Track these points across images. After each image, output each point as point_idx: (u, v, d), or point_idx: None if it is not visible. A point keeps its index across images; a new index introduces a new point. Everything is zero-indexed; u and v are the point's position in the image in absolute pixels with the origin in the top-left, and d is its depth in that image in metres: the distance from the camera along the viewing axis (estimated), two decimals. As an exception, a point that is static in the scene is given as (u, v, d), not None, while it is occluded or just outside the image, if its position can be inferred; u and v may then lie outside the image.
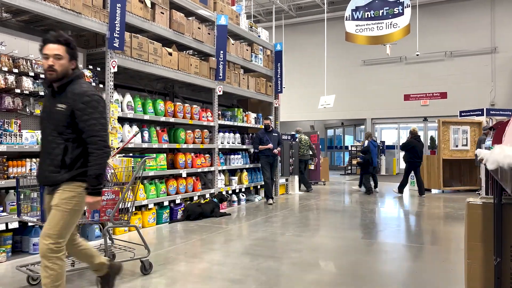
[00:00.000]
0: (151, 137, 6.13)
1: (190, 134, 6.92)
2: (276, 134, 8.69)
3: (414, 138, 10.03)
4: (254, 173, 8.97)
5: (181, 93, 8.14)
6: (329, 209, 7.91)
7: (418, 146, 9.88)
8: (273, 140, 8.56)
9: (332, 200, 9.31)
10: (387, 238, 5.39)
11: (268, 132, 8.59)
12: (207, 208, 6.71)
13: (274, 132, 8.70)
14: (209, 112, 7.43)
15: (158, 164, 6.17)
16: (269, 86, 9.54)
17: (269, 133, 8.58)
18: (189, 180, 6.85)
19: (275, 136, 8.66)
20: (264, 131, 8.62)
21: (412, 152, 9.89)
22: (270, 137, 8.55)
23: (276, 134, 8.70)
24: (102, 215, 3.46)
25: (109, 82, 5.32)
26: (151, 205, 6.00)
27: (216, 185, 7.53)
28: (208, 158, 7.43)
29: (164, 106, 6.34)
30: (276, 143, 8.61)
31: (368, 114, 19.93)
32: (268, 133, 8.57)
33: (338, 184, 13.75)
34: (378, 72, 19.54)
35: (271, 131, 8.66)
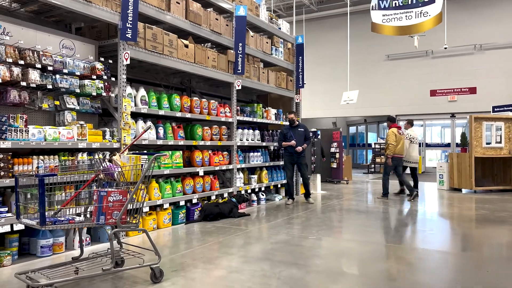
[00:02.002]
0: (167, 133, 5.83)
1: (207, 131, 6.60)
2: (302, 129, 8.10)
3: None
4: (274, 172, 8.59)
5: (199, 88, 7.83)
6: (353, 209, 7.47)
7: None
8: (298, 136, 8.03)
9: (355, 200, 8.85)
10: (420, 243, 4.94)
11: (293, 127, 8.10)
12: (225, 208, 6.38)
13: (300, 127, 8.12)
14: (227, 108, 7.09)
15: (174, 161, 5.87)
16: (290, 80, 9.14)
17: (294, 129, 8.09)
18: (206, 179, 6.53)
19: (301, 132, 8.07)
20: (289, 126, 8.16)
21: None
22: (295, 133, 8.04)
23: (302, 130, 8.10)
24: (108, 218, 3.16)
25: (121, 75, 5.04)
26: (167, 205, 5.71)
27: (234, 184, 7.19)
28: (226, 156, 7.10)
29: (180, 101, 6.04)
30: (301, 138, 8.03)
31: (392, 111, 19.25)
32: (293, 129, 8.09)
33: (361, 183, 13.25)
34: (403, 67, 18.87)
35: (297, 126, 8.12)
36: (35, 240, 4.24)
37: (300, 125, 8.18)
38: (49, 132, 4.22)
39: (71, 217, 3.18)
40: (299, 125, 8.18)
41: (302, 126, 8.17)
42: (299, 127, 8.12)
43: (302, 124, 8.29)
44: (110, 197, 3.18)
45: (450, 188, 10.78)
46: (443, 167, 10.98)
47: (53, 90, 4.45)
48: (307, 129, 8.26)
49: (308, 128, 8.38)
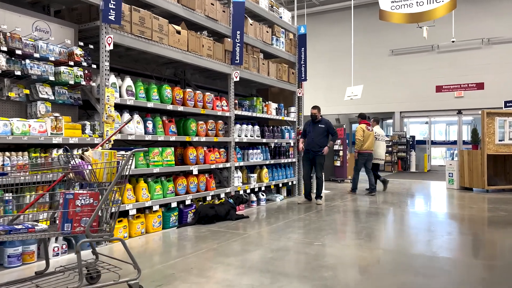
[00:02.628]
0: (156, 128, 5.29)
1: (202, 126, 6.06)
2: (323, 125, 7.69)
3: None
4: (275, 170, 8.05)
5: (194, 80, 7.29)
6: (360, 211, 6.93)
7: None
8: (316, 132, 7.67)
9: (362, 200, 8.31)
10: (439, 251, 4.40)
11: (314, 123, 7.76)
12: (222, 210, 5.85)
13: (321, 123, 7.72)
14: (224, 101, 6.55)
15: (165, 159, 5.33)
16: (291, 73, 8.59)
17: (315, 124, 7.74)
18: (201, 178, 5.99)
19: (321, 128, 7.67)
20: (311, 122, 7.82)
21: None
22: (314, 129, 7.70)
23: (323, 126, 7.68)
24: (75, 226, 2.62)
25: (104, 62, 4.49)
26: (156, 207, 5.17)
27: (232, 184, 6.65)
28: (223, 153, 6.56)
29: (171, 93, 5.49)
30: (321, 135, 7.64)
31: (397, 107, 18.73)
32: (313, 124, 7.76)
33: (365, 181, 12.68)
34: (408, 62, 18.31)
35: (318, 122, 7.73)
36: (1, 248, 3.71)
37: (322, 121, 7.78)
38: (17, 125, 3.69)
39: (30, 225, 2.64)
40: (321, 120, 7.78)
41: (324, 122, 7.77)
42: (320, 123, 7.75)
43: (325, 120, 7.86)
44: (77, 200, 2.64)
45: (460, 187, 10.23)
46: (453, 165, 10.43)
47: (23, 78, 3.91)
48: (330, 124, 7.82)
49: (331, 123, 7.93)
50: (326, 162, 12.36)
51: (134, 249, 4.40)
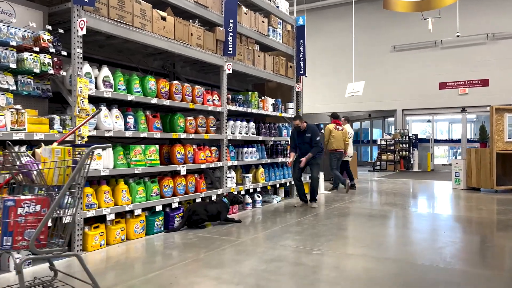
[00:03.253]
0: (138, 123, 4.78)
1: (191, 122, 5.56)
2: (309, 134, 6.96)
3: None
4: (272, 170, 7.55)
5: (184, 73, 6.79)
6: (363, 213, 6.43)
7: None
8: (304, 142, 7.00)
9: (364, 201, 7.81)
10: (452, 261, 3.89)
11: (300, 133, 7.03)
12: (213, 209, 5.33)
13: (307, 132, 6.94)
14: (215, 95, 6.05)
15: (148, 158, 4.83)
16: (289, 67, 8.09)
17: (302, 134, 7.01)
18: (190, 179, 5.50)
19: (307, 137, 6.95)
20: (296, 132, 7.10)
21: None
22: (302, 138, 7.01)
23: (309, 135, 6.96)
24: (17, 240, 2.12)
25: (76, 48, 3.99)
26: (139, 211, 4.67)
27: (225, 185, 6.15)
28: (215, 152, 6.06)
29: (156, 85, 4.99)
30: (308, 145, 6.96)
31: (399, 105, 18.22)
32: (300, 134, 7.04)
33: (366, 182, 12.20)
34: (410, 58, 17.79)
35: (304, 131, 6.98)
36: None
37: (308, 129, 7.00)
38: (-32, 118, 3.19)
39: (-38, 239, 2.14)
40: (307, 129, 7.01)
41: (309, 130, 6.99)
42: (307, 132, 6.99)
43: (311, 127, 7.07)
44: (20, 208, 2.15)
45: (467, 188, 9.73)
46: (459, 164, 9.93)
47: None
48: (315, 133, 6.97)
49: (317, 130, 7.13)
50: (327, 162, 11.88)
51: (111, 259, 3.90)
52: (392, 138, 17.30)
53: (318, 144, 6.94)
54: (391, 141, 17.21)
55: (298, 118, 7.00)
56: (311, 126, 7.10)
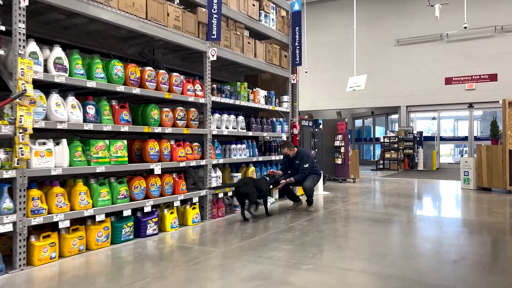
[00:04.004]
0: (101, 114, 4.11)
1: (168, 114, 4.89)
2: (298, 161, 6.34)
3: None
4: (264, 168, 6.88)
5: (167, 62, 6.13)
6: (364, 217, 5.75)
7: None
8: (294, 168, 6.40)
9: (365, 203, 7.12)
10: (469, 280, 3.21)
11: (291, 160, 6.43)
12: (262, 185, 5.69)
13: (297, 159, 6.36)
14: (198, 85, 5.38)
15: (114, 155, 4.17)
16: (284, 56, 7.41)
17: (292, 161, 6.42)
18: (166, 179, 4.82)
19: (297, 164, 6.35)
20: (286, 159, 6.53)
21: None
22: (292, 166, 6.42)
23: (298, 162, 6.33)
24: None
25: (17, 23, 3.33)
26: (101, 216, 4.01)
27: (208, 185, 5.48)
28: (197, 148, 5.39)
29: (123, 71, 4.32)
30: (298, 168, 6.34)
31: (403, 101, 17.51)
32: (291, 161, 6.44)
33: (369, 181, 11.51)
34: (414, 52, 17.07)
35: (294, 158, 6.40)
36: None
37: (298, 156, 6.37)
38: None
39: None
40: (297, 156, 6.39)
41: (299, 157, 6.35)
42: (296, 158, 6.38)
43: (301, 153, 6.40)
44: None
45: (477, 188, 9.03)
46: (469, 163, 9.22)
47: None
48: (304, 159, 6.29)
49: (307, 156, 6.41)
50: (326, 161, 11.24)
51: (59, 276, 3.24)
52: (396, 135, 16.60)
53: (304, 172, 6.27)
54: (394, 138, 16.51)
55: (286, 145, 6.37)
56: (301, 152, 6.44)
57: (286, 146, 6.37)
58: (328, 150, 11.30)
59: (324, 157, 11.26)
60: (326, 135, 11.30)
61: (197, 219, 5.23)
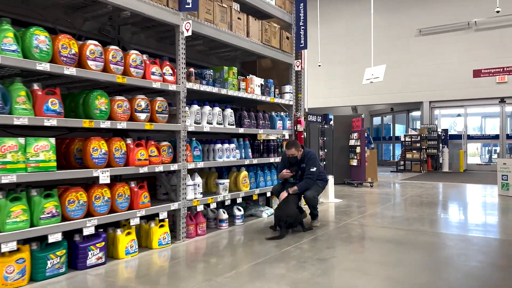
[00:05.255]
0: (12, 102, 2.96)
1: (121, 104, 3.71)
2: (303, 165, 4.97)
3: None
4: (260, 173, 5.66)
5: (137, 42, 4.98)
6: (383, 237, 4.48)
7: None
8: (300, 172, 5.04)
9: (384, 215, 5.83)
10: None
11: (295, 162, 4.98)
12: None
13: (303, 162, 4.97)
14: (167, 68, 4.20)
15: (33, 158, 3.01)
16: (285, 38, 6.17)
17: (295, 164, 4.98)
18: (120, 189, 3.66)
19: (303, 168, 4.98)
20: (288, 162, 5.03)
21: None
22: (297, 170, 5.00)
23: (304, 165, 4.97)
24: None
25: None
26: (12, 244, 2.86)
27: (183, 196, 4.30)
28: (167, 149, 4.22)
29: (50, 44, 3.16)
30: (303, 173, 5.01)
31: (425, 96, 16.03)
32: (294, 164, 4.98)
33: (389, 185, 10.16)
34: (439, 42, 15.57)
35: (300, 161, 4.99)
36: None
37: (305, 158, 4.96)
38: None
39: None
40: (303, 158, 4.97)
41: (305, 159, 4.95)
42: (303, 161, 4.98)
43: (308, 155, 4.98)
44: None
45: (519, 195, 7.62)
46: (508, 165, 7.82)
47: None
48: (311, 162, 4.91)
49: (314, 158, 4.99)
50: (341, 162, 9.94)
51: None
52: (418, 134, 15.15)
53: (311, 177, 4.91)
54: (416, 137, 15.07)
55: (293, 145, 4.87)
56: (308, 154, 5.00)
57: (293, 145, 4.90)
58: (342, 150, 10.02)
59: (337, 158, 9.98)
60: (339, 132, 10.02)
61: (165, 240, 4.06)
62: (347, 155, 10.10)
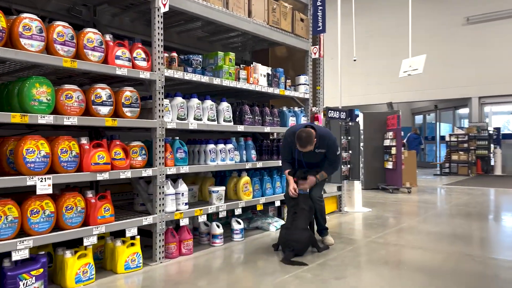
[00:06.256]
0: None
1: (70, 94, 2.97)
2: (321, 150, 3.94)
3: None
4: (267, 179, 4.78)
5: (118, 26, 4.28)
6: (417, 264, 3.49)
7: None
8: (309, 157, 4.02)
9: (420, 231, 4.78)
10: None
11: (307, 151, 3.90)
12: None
13: (319, 148, 3.92)
14: (139, 51, 3.43)
15: None
16: (299, 19, 5.27)
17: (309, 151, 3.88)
18: (68, 200, 2.92)
19: (319, 155, 4.01)
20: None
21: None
22: (309, 157, 4.02)
23: (322, 151, 3.95)
24: None
25: None
26: None
27: (161, 207, 3.52)
28: (139, 150, 3.45)
29: (-35, 16, 2.47)
30: (317, 160, 4.07)
31: (474, 91, 14.46)
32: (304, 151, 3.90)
33: (430, 191, 8.94)
34: (489, 31, 13.98)
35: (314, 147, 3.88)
36: None
37: (320, 141, 3.88)
38: None
39: None
40: (318, 142, 3.87)
41: (322, 144, 3.91)
42: (318, 147, 3.90)
43: (324, 136, 3.92)
44: None
45: None
46: None
47: None
48: (332, 145, 3.96)
49: (334, 141, 4.01)
50: (374, 164, 8.92)
51: None
52: (466, 133, 13.65)
53: (335, 164, 4.06)
54: (464, 137, 13.58)
55: (308, 142, 3.76)
56: (324, 136, 3.94)
57: (308, 143, 3.75)
58: (375, 151, 8.96)
59: (370, 160, 8.94)
60: (372, 132, 8.98)
61: (134, 262, 3.29)
62: (381, 157, 9.01)
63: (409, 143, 14.58)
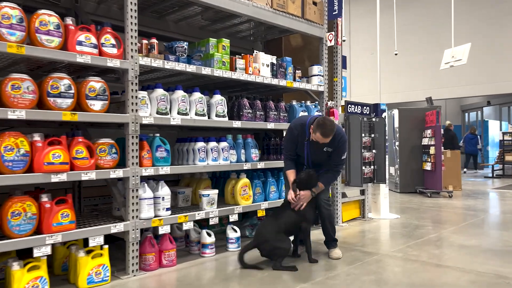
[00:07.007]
0: None
1: (18, 84, 2.62)
2: (329, 149, 3.45)
3: None
4: (271, 181, 4.26)
5: (107, 14, 3.93)
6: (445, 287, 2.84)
7: None
8: (317, 154, 3.50)
9: (451, 243, 4.05)
10: None
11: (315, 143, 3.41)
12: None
13: (329, 146, 3.42)
14: (107, 36, 3.04)
15: None
16: (311, 3, 4.69)
17: (317, 145, 3.41)
18: (16, 205, 2.57)
19: (326, 153, 3.48)
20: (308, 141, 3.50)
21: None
22: (315, 151, 3.49)
23: (329, 150, 3.45)
24: None
25: None
26: None
27: (133, 213, 3.11)
28: (108, 148, 3.06)
29: None
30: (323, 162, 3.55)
31: (532, 85, 13.04)
32: (312, 144, 3.45)
33: (476, 196, 7.97)
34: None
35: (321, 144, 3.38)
36: None
37: (334, 140, 3.38)
38: None
39: None
40: (329, 141, 3.36)
41: (333, 142, 3.39)
42: (329, 144, 3.40)
43: (338, 136, 3.41)
44: None
45: None
46: None
47: None
48: (341, 146, 3.47)
49: (344, 141, 3.51)
50: (411, 166, 8.15)
51: None
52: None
53: (338, 168, 3.58)
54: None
55: (332, 131, 3.30)
56: (337, 133, 3.42)
57: (332, 131, 3.30)
58: (412, 150, 8.18)
59: (406, 161, 8.17)
60: (409, 130, 8.20)
61: (100, 276, 2.90)
62: (419, 157, 8.18)
63: (466, 143, 13.51)
